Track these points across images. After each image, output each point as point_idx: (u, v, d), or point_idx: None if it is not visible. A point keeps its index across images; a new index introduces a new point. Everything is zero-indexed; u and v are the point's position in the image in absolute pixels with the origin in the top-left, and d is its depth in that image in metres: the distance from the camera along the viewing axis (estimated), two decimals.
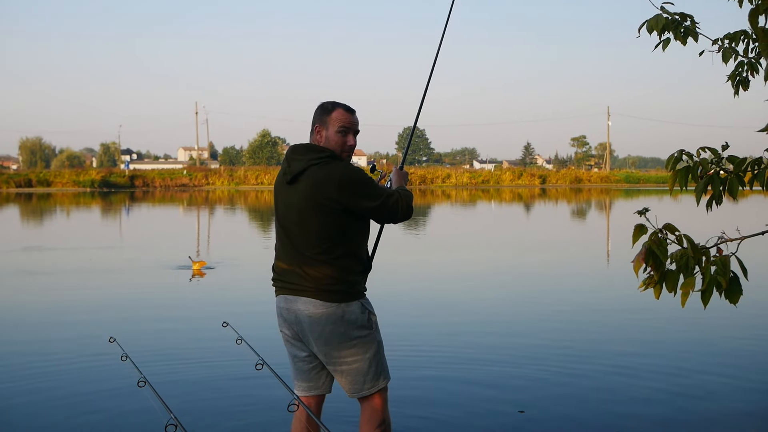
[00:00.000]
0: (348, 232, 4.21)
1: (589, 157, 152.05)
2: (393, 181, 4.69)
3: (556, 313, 11.15)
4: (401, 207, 4.28)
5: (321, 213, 4.12)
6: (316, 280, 4.13)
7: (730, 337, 9.24)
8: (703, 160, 3.81)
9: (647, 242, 3.45)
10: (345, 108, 4.33)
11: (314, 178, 4.12)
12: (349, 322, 4.17)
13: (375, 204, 4.18)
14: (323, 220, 4.13)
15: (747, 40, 4.78)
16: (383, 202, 4.21)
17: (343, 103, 4.36)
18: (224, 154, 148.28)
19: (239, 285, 13.87)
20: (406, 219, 4.40)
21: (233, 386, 7.15)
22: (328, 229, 4.14)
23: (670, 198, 51.90)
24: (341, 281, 4.17)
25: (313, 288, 4.13)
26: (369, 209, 4.19)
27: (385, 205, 4.22)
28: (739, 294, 3.40)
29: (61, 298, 12.58)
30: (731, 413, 6.46)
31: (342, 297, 4.16)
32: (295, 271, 4.19)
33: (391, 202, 4.24)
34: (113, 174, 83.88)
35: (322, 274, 4.13)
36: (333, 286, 4.14)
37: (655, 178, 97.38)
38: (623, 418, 6.30)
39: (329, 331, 4.14)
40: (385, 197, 4.22)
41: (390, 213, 4.26)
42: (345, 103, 4.37)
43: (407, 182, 4.73)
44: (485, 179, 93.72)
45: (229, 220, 35.14)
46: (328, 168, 4.15)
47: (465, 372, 7.72)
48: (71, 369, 7.84)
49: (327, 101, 4.37)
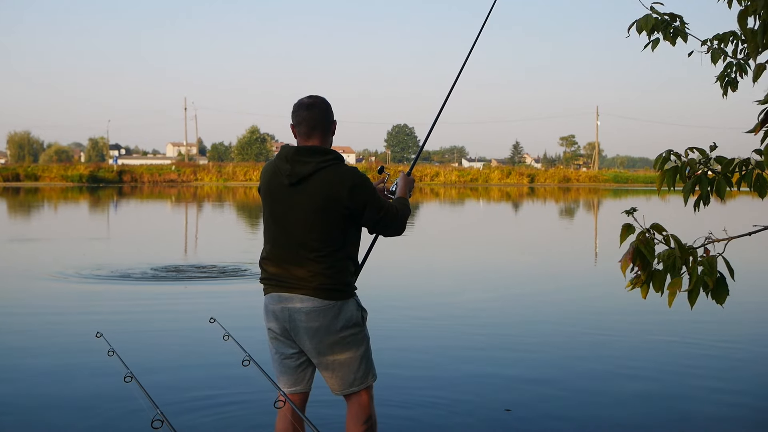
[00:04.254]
0: (348, 235, 4.23)
1: (577, 156, 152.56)
2: (399, 186, 4.69)
3: (542, 312, 11.17)
4: (396, 226, 4.32)
5: (330, 215, 4.11)
6: (314, 279, 4.12)
7: (717, 339, 9.26)
8: (691, 160, 3.83)
9: (635, 242, 3.47)
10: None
11: (326, 180, 4.10)
12: (344, 319, 4.18)
13: (377, 216, 4.20)
14: (330, 223, 4.12)
15: (736, 41, 4.79)
16: (384, 215, 4.23)
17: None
18: (213, 150, 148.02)
19: (225, 281, 13.83)
20: (396, 236, 4.41)
21: (220, 382, 7.14)
22: (333, 231, 4.14)
23: (658, 198, 52.06)
24: (339, 281, 4.18)
25: (311, 286, 4.12)
26: (370, 219, 4.21)
27: (385, 219, 4.24)
28: (725, 294, 3.41)
29: (49, 292, 12.53)
30: (716, 415, 6.49)
31: (339, 295, 4.18)
32: (291, 270, 4.17)
33: (389, 217, 4.25)
34: (101, 169, 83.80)
35: (321, 274, 4.13)
36: (331, 285, 4.15)
37: (643, 178, 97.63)
38: (609, 418, 6.32)
39: (325, 329, 4.14)
40: (386, 211, 4.24)
41: (385, 228, 4.29)
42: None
43: (412, 189, 4.75)
44: (474, 177, 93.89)
45: (217, 217, 35.08)
46: (340, 171, 4.14)
47: (451, 370, 7.73)
48: (57, 364, 7.81)
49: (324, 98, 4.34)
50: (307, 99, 4.28)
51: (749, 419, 6.40)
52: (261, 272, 4.38)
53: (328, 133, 4.27)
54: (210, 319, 5.25)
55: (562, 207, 46.59)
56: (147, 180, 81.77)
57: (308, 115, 4.22)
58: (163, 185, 77.75)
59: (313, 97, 4.29)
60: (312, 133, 4.22)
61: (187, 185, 78.22)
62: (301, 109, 4.23)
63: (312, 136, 4.22)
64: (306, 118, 4.22)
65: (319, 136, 4.23)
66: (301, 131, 4.23)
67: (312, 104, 4.24)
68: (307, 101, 4.26)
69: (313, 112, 4.22)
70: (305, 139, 4.23)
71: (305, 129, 4.22)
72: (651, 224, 3.50)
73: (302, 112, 4.23)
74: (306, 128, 4.21)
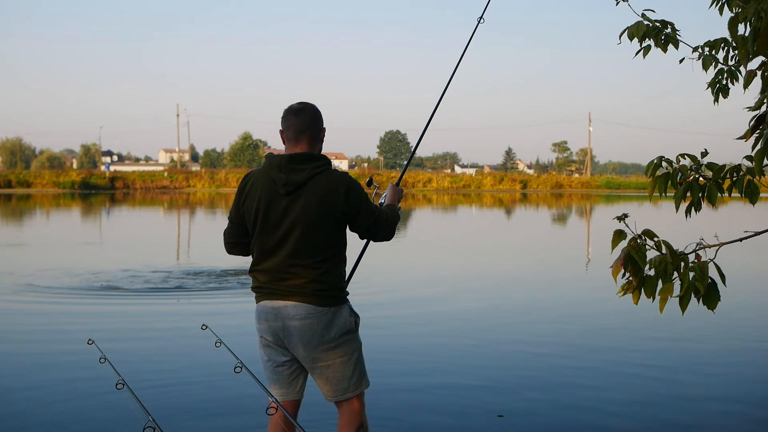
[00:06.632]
0: (342, 240, 4.24)
1: (570, 162, 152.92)
2: (387, 197, 4.71)
3: (535, 318, 11.18)
4: (387, 232, 4.35)
5: (325, 221, 4.10)
6: (308, 285, 4.11)
7: (708, 346, 9.29)
8: (683, 166, 3.83)
9: (626, 248, 3.47)
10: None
11: (321, 185, 4.09)
12: (338, 326, 4.17)
13: (369, 221, 4.23)
14: (326, 228, 4.11)
15: (727, 47, 4.81)
16: (376, 219, 4.25)
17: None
18: (205, 156, 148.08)
19: (218, 287, 13.81)
20: (385, 241, 4.45)
21: (212, 388, 7.13)
22: (330, 237, 4.14)
23: (650, 204, 52.16)
24: (334, 286, 4.18)
25: (305, 292, 4.10)
26: (363, 223, 4.23)
27: (377, 224, 4.27)
28: (716, 300, 3.41)
29: (40, 298, 12.48)
30: (705, 422, 6.50)
31: (333, 301, 4.17)
32: (284, 278, 4.14)
33: (381, 222, 4.28)
34: (93, 175, 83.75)
35: (316, 280, 4.11)
36: (325, 290, 4.13)
37: (635, 184, 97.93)
38: (600, 423, 6.32)
39: (318, 335, 4.13)
40: (377, 216, 4.26)
41: (376, 233, 4.33)
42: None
43: (401, 199, 4.77)
44: (466, 184, 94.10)
45: (209, 224, 35.04)
46: (333, 176, 4.15)
47: (444, 376, 7.73)
48: (48, 371, 7.79)
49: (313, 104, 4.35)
50: (297, 105, 4.27)
51: (740, 428, 6.41)
52: (252, 281, 4.36)
53: (316, 140, 4.25)
54: (202, 325, 5.24)
55: (554, 213, 46.65)
56: (139, 186, 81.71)
57: (296, 120, 4.20)
58: (156, 192, 77.70)
59: (303, 103, 4.28)
60: (300, 138, 4.20)
61: (179, 192, 78.16)
62: (290, 114, 4.22)
63: (300, 141, 4.21)
64: (294, 123, 4.20)
65: (307, 141, 4.21)
66: (290, 136, 4.22)
67: (301, 110, 4.23)
68: (296, 107, 4.25)
69: (301, 118, 4.21)
70: (293, 145, 4.21)
71: (293, 134, 4.20)
72: (642, 230, 3.51)
73: (291, 117, 4.21)
74: (294, 133, 4.20)
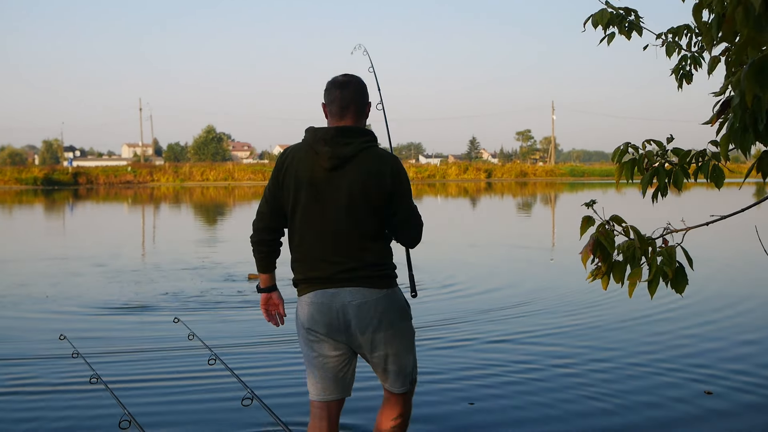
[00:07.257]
0: (385, 220, 4.01)
1: (534, 151, 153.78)
2: None
3: (505, 306, 11.23)
4: (417, 230, 4.13)
5: (374, 198, 3.87)
6: (364, 268, 3.89)
7: (686, 332, 9.39)
8: (649, 152, 3.88)
9: (595, 234, 3.51)
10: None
11: (369, 161, 3.88)
12: (397, 310, 4.02)
13: (407, 213, 4.02)
14: (376, 206, 3.89)
15: (690, 34, 4.87)
16: (412, 213, 4.05)
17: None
18: (169, 150, 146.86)
19: (189, 281, 13.75)
20: (412, 244, 4.20)
21: (186, 381, 7.10)
22: (379, 215, 3.92)
23: (615, 191, 52.54)
24: (387, 266, 4.00)
25: (362, 276, 3.89)
26: (401, 214, 3.99)
27: (414, 216, 4.07)
28: (684, 283, 3.46)
29: (9, 292, 12.36)
30: (682, 413, 6.58)
31: (389, 282, 3.98)
32: (337, 263, 3.89)
33: (415, 217, 4.08)
34: (56, 171, 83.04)
35: (372, 262, 3.91)
36: (381, 271, 3.94)
37: (599, 172, 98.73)
38: (574, 409, 6.39)
39: (379, 319, 3.92)
40: (414, 210, 4.07)
41: (408, 228, 4.09)
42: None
43: None
44: (431, 174, 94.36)
45: (176, 218, 34.84)
46: (382, 153, 3.95)
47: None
48: (20, 366, 7.73)
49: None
50: (341, 77, 4.01)
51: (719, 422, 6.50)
52: (295, 272, 4.06)
53: (362, 115, 4.02)
54: (174, 318, 5.26)
55: (520, 201, 46.87)
56: (103, 182, 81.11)
57: (341, 94, 3.96)
58: (119, 187, 77.10)
59: (348, 75, 4.03)
60: (345, 113, 3.96)
61: (143, 186, 77.60)
62: (334, 87, 3.98)
63: (345, 116, 3.97)
64: (339, 97, 3.96)
65: (353, 116, 3.98)
66: (333, 111, 3.98)
67: (346, 82, 3.99)
68: (341, 79, 4.00)
69: (346, 91, 3.97)
70: (337, 120, 3.97)
71: (337, 109, 3.96)
72: (610, 216, 3.55)
73: (335, 90, 3.97)
74: (338, 108, 3.96)
